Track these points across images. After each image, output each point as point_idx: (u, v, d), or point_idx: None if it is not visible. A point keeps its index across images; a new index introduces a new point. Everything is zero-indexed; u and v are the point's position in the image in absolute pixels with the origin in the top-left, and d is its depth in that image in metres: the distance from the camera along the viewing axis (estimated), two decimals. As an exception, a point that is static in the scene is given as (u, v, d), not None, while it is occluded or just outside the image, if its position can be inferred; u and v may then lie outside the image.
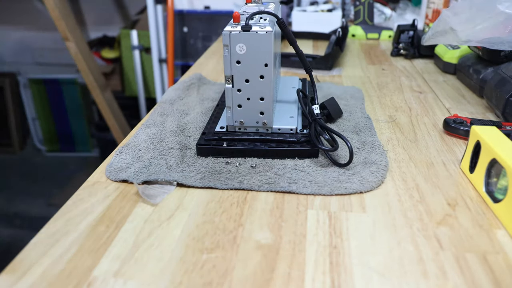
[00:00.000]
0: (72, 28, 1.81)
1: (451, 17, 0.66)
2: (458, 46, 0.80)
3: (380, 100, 0.68)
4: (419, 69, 0.85)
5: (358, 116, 0.59)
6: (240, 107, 0.48)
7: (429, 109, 0.64)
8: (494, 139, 0.41)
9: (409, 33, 0.96)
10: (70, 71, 2.36)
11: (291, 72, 0.83)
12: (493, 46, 0.62)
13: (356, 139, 0.52)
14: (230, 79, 0.47)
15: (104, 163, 0.48)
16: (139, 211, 0.40)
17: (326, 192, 0.42)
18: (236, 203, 0.41)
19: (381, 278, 0.32)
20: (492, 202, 0.39)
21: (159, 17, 2.10)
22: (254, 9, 0.51)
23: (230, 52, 0.45)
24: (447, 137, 0.55)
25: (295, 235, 0.36)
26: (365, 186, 0.42)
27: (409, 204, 0.41)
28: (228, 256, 0.34)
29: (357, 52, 0.99)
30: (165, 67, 2.17)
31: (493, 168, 0.41)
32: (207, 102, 0.65)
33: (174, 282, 0.31)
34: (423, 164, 0.48)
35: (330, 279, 0.31)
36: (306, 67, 0.53)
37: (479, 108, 0.65)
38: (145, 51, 2.26)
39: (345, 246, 0.35)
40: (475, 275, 0.32)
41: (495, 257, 0.34)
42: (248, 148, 0.48)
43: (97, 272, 0.32)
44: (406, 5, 1.40)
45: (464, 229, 0.37)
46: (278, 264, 0.33)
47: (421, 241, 0.36)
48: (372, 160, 0.47)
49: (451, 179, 0.45)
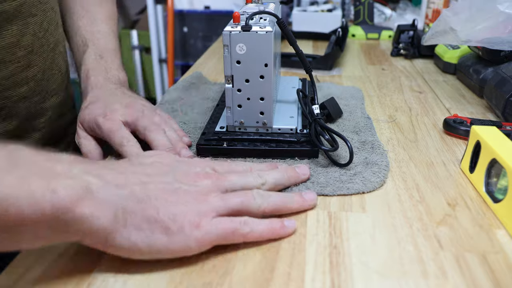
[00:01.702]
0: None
1: (451, 17, 0.66)
2: (458, 46, 0.80)
3: (380, 100, 0.68)
4: (419, 69, 0.85)
5: (358, 116, 0.59)
6: (240, 107, 0.48)
7: (429, 109, 0.64)
8: (494, 139, 0.41)
9: (409, 33, 0.96)
10: (70, 71, 2.35)
11: (291, 72, 0.83)
12: (493, 46, 0.62)
13: (356, 139, 0.52)
14: (230, 79, 0.47)
15: (104, 163, 0.48)
16: (139, 211, 0.40)
17: (328, 192, 0.42)
18: (236, 203, 0.41)
19: (381, 278, 0.32)
20: (492, 202, 0.39)
21: (159, 17, 2.11)
22: (254, 9, 0.51)
23: (230, 52, 0.45)
24: (447, 137, 0.55)
25: (295, 235, 0.36)
26: (367, 186, 0.42)
27: (409, 204, 0.41)
28: (228, 256, 0.34)
29: (357, 52, 0.99)
30: (165, 67, 2.17)
31: (493, 168, 0.41)
32: (207, 102, 0.65)
33: (173, 282, 0.31)
34: (423, 164, 0.48)
35: (330, 279, 0.31)
36: (306, 67, 0.53)
37: (479, 108, 0.65)
38: (145, 51, 2.26)
39: (345, 246, 0.35)
40: (475, 275, 0.32)
41: (495, 257, 0.34)
42: (248, 148, 0.48)
43: (97, 272, 0.32)
44: (406, 5, 1.40)
45: (464, 229, 0.37)
46: (278, 264, 0.33)
47: (421, 241, 0.36)
48: (372, 161, 0.47)
49: (451, 179, 0.45)
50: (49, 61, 0.55)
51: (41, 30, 0.52)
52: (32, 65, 0.52)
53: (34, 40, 0.51)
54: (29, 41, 0.50)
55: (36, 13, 0.51)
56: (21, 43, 0.49)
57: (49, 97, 0.56)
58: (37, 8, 0.51)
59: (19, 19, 0.48)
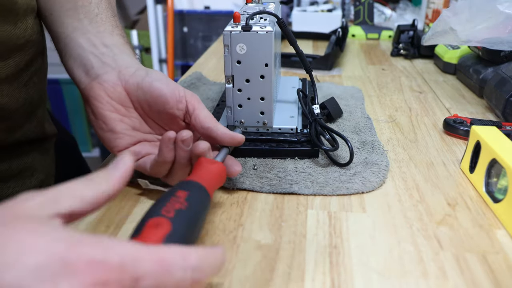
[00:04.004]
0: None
1: (451, 17, 0.66)
2: (458, 46, 0.80)
3: (380, 100, 0.68)
4: (419, 69, 0.85)
5: (358, 116, 0.60)
6: (241, 107, 0.48)
7: (429, 109, 0.64)
8: (494, 139, 0.41)
9: (409, 33, 0.96)
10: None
11: (291, 72, 0.83)
12: (493, 46, 0.62)
13: (356, 139, 0.52)
14: (230, 79, 0.47)
15: (104, 163, 0.48)
16: (139, 211, 0.40)
17: (328, 192, 0.42)
18: (236, 203, 0.41)
19: (381, 278, 0.32)
20: (492, 202, 0.39)
21: (159, 17, 2.10)
22: (254, 9, 0.51)
23: (231, 52, 0.45)
24: (447, 137, 0.55)
25: (295, 235, 0.36)
26: (367, 186, 0.42)
27: (409, 204, 0.41)
28: (228, 256, 0.34)
29: (357, 52, 0.99)
30: (165, 67, 2.17)
31: (493, 168, 0.41)
32: (207, 102, 0.65)
33: (174, 282, 0.31)
34: (423, 164, 0.48)
35: (330, 279, 0.31)
36: (306, 67, 0.53)
37: (479, 108, 0.65)
38: (145, 51, 2.26)
39: (345, 246, 0.35)
40: (475, 275, 0.32)
41: (495, 257, 0.34)
42: (248, 148, 0.48)
43: (97, 272, 0.32)
44: (406, 5, 1.40)
45: (464, 229, 0.37)
46: (278, 264, 0.33)
47: (421, 241, 0.36)
48: (372, 160, 0.47)
49: (451, 179, 0.45)
50: (21, 99, 0.49)
51: (15, 72, 0.46)
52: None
53: (4, 83, 0.45)
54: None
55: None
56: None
57: (15, 132, 0.51)
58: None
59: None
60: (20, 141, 0.52)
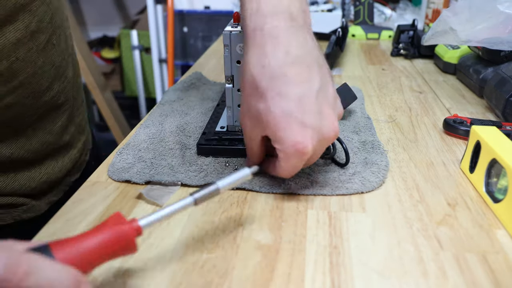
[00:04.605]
0: (72, 28, 1.81)
1: (451, 17, 0.66)
2: (458, 46, 0.80)
3: (380, 100, 0.68)
4: (419, 69, 0.85)
5: (358, 116, 0.59)
6: (240, 107, 0.48)
7: (429, 109, 0.64)
8: (494, 139, 0.41)
9: (409, 33, 0.96)
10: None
11: (291, 72, 0.83)
12: (493, 46, 0.62)
13: (356, 139, 0.52)
14: (230, 79, 0.47)
15: (104, 163, 0.48)
16: (139, 211, 0.40)
17: (327, 192, 0.42)
18: (236, 203, 0.41)
19: (381, 278, 0.32)
20: (492, 202, 0.39)
21: (159, 17, 2.10)
22: (254, 9, 0.51)
23: (231, 52, 0.45)
24: (447, 137, 0.55)
25: (295, 235, 0.36)
26: (366, 186, 0.42)
27: (409, 204, 0.41)
28: (228, 256, 0.34)
29: (357, 52, 0.99)
30: (165, 67, 2.17)
31: (493, 168, 0.41)
32: (207, 102, 0.65)
33: (174, 282, 0.31)
34: (423, 164, 0.48)
35: (330, 279, 0.31)
36: (306, 67, 0.53)
37: (479, 108, 0.65)
38: (145, 51, 2.26)
39: (345, 246, 0.35)
40: (475, 275, 0.32)
41: (495, 257, 0.34)
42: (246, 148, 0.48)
43: (96, 272, 0.32)
44: (406, 5, 1.40)
45: (464, 229, 0.37)
46: (278, 264, 0.33)
47: (421, 241, 0.36)
48: (372, 160, 0.47)
49: (451, 179, 0.45)
50: (39, 62, 0.48)
51: (26, 35, 0.45)
52: (17, 74, 0.45)
53: (17, 47, 0.44)
54: (10, 50, 0.43)
55: (17, 19, 0.44)
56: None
57: (42, 95, 0.50)
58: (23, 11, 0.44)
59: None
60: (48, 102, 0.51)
